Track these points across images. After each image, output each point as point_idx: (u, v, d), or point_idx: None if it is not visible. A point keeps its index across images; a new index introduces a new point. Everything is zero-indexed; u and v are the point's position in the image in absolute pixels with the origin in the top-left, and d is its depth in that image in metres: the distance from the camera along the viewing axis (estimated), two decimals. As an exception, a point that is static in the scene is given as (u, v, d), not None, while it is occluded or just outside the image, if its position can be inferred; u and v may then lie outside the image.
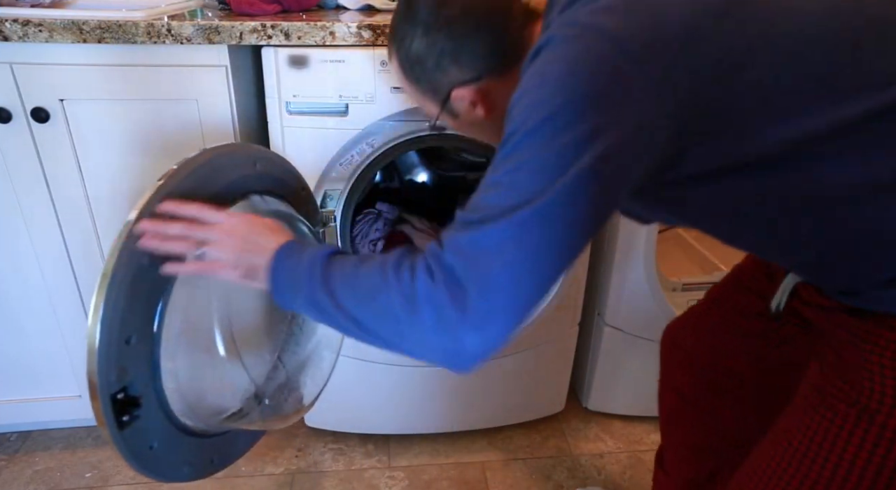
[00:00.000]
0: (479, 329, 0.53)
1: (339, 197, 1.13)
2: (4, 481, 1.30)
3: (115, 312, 0.66)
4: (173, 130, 1.09)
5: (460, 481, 1.33)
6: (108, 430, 0.68)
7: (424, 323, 0.55)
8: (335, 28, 1.03)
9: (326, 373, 1.06)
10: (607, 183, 0.54)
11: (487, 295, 0.53)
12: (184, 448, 0.82)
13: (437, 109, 0.74)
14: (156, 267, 0.70)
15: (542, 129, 0.54)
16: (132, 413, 0.70)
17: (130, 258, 0.68)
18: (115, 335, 0.67)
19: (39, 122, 1.05)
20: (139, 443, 0.73)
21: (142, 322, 0.70)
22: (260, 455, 1.38)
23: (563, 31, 0.57)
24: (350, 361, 1.28)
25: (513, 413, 1.43)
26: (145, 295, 0.70)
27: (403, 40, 0.70)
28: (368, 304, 0.58)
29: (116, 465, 1.34)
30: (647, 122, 0.55)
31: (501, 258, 0.53)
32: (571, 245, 0.55)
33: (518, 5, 0.71)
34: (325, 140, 1.09)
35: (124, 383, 0.69)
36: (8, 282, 1.18)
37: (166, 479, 0.79)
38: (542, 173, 0.53)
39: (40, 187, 1.10)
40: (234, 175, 0.86)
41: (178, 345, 0.77)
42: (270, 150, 0.97)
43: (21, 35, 0.98)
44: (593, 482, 1.33)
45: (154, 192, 0.71)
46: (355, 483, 1.32)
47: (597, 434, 1.47)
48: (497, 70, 0.69)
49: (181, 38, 1.00)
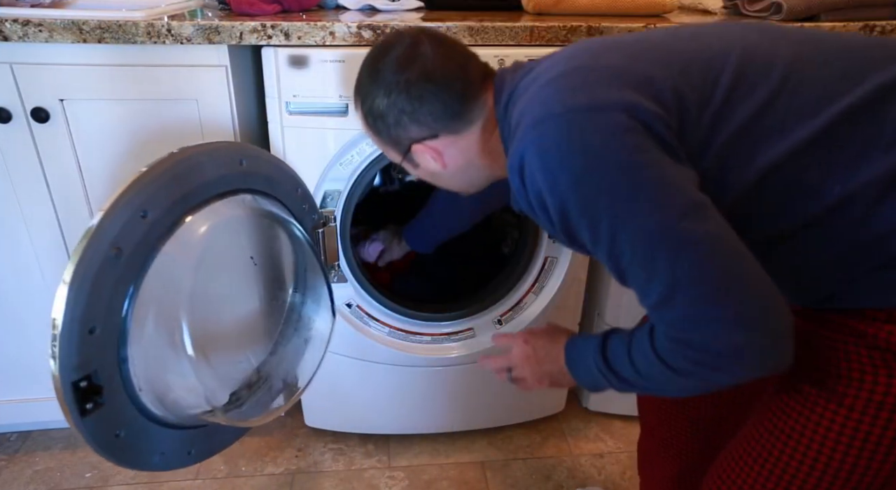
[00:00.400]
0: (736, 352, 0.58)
1: (338, 197, 1.13)
2: (4, 481, 1.30)
3: (77, 304, 0.69)
4: (173, 130, 1.09)
5: (460, 481, 1.33)
6: (70, 416, 0.71)
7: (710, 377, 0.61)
8: (335, 28, 1.03)
9: (308, 376, 1.07)
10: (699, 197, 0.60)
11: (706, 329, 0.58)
12: (155, 438, 0.84)
13: (400, 159, 0.81)
14: (121, 261, 0.73)
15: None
16: (96, 401, 0.73)
17: (95, 252, 0.71)
18: (77, 325, 0.70)
19: (39, 122, 1.05)
20: (104, 431, 0.76)
21: (106, 313, 0.73)
22: (260, 455, 1.38)
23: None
24: (350, 361, 1.28)
25: (513, 413, 1.43)
26: (110, 288, 0.73)
27: (367, 97, 0.78)
28: (654, 383, 0.66)
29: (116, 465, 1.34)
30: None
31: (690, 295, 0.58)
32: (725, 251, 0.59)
33: (476, 67, 0.77)
34: (325, 140, 1.09)
35: (87, 372, 0.72)
36: (8, 282, 1.18)
37: (134, 467, 0.82)
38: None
39: (40, 187, 1.10)
40: (213, 173, 0.87)
41: (146, 338, 0.79)
42: (261, 149, 0.97)
43: (21, 35, 0.98)
44: (593, 482, 1.33)
45: (124, 189, 0.75)
46: (355, 483, 1.32)
47: (597, 434, 1.47)
48: (453, 129, 0.76)
49: (181, 38, 1.00)
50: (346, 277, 1.20)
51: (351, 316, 1.24)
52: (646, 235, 0.58)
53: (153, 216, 0.78)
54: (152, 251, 0.78)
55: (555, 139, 0.60)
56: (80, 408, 0.72)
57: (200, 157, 0.85)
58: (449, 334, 1.29)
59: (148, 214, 0.77)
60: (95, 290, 0.71)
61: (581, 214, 0.60)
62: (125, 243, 0.74)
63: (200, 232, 0.84)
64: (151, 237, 0.78)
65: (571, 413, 1.52)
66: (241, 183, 0.92)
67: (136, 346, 0.77)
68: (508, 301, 1.28)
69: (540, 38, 1.08)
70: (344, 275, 1.19)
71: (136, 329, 0.77)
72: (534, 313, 1.27)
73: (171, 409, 0.84)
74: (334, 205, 1.14)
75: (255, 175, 0.95)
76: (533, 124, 0.62)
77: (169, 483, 1.30)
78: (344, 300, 1.23)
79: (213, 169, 0.87)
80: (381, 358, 1.28)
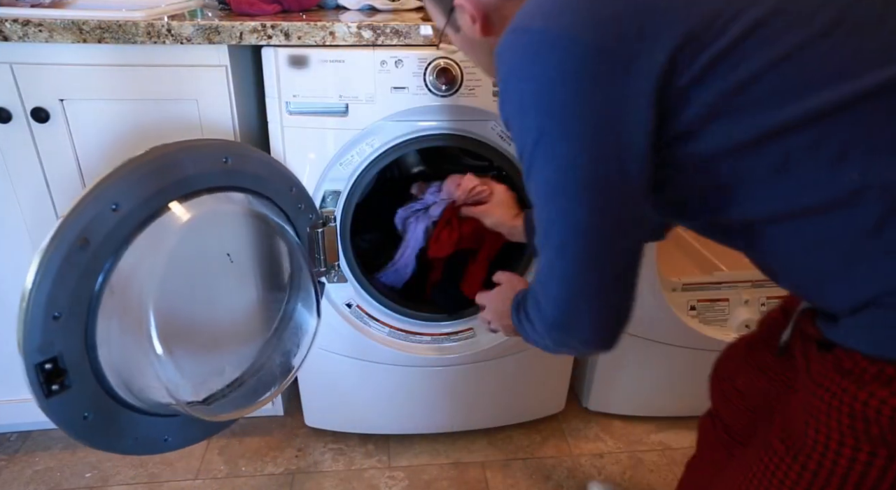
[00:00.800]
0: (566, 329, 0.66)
1: (339, 197, 1.13)
2: (4, 481, 1.30)
3: (41, 291, 0.75)
4: (173, 130, 1.09)
5: (460, 481, 1.33)
6: (35, 396, 0.77)
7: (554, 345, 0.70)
8: (335, 28, 1.03)
9: (288, 377, 1.08)
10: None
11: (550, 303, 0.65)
12: (127, 423, 0.88)
13: (444, 21, 0.75)
14: (88, 252, 0.78)
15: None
16: (62, 383, 0.78)
17: (61, 242, 0.76)
18: (40, 311, 0.75)
19: (39, 122, 1.05)
20: (71, 412, 0.81)
21: (71, 301, 0.78)
22: (260, 455, 1.38)
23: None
24: (350, 361, 1.28)
25: (513, 413, 1.43)
26: (75, 278, 0.78)
27: None
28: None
29: (116, 465, 1.34)
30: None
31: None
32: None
33: None
34: (325, 140, 1.09)
35: (52, 355, 0.77)
36: (8, 282, 1.18)
37: (107, 449, 0.87)
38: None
39: (40, 187, 1.10)
40: (192, 170, 0.89)
41: (114, 327, 0.82)
42: (252, 148, 0.97)
43: (21, 35, 0.98)
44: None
45: (96, 183, 0.79)
46: (355, 483, 1.32)
47: (597, 434, 1.47)
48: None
49: (181, 38, 1.00)
50: (347, 277, 1.20)
51: (351, 316, 1.24)
52: (548, 188, 0.59)
53: (126, 209, 0.81)
54: (124, 243, 0.81)
55: (518, 55, 0.57)
56: (46, 389, 0.77)
57: (179, 154, 0.88)
58: (449, 334, 1.29)
59: (120, 207, 0.80)
60: (60, 278, 0.76)
61: (514, 138, 0.61)
62: (93, 235, 0.78)
63: (178, 223, 0.87)
64: (123, 230, 0.81)
65: (571, 413, 1.52)
66: (225, 180, 0.93)
67: (104, 333, 0.81)
68: (508, 301, 1.28)
69: (540, 38, 1.08)
70: (344, 275, 1.19)
71: (104, 318, 0.81)
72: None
73: (139, 397, 0.87)
74: (334, 205, 1.14)
75: (242, 173, 0.95)
76: (512, 29, 0.59)
77: (169, 483, 1.30)
78: (344, 300, 1.23)
79: (192, 165, 0.89)
80: (381, 358, 1.28)
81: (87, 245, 0.77)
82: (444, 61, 1.05)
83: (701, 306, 1.37)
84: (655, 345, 1.37)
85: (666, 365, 1.40)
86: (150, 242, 0.83)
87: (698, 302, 1.36)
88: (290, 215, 1.05)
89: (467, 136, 1.11)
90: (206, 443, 1.41)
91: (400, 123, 1.08)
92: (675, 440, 1.45)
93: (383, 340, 1.26)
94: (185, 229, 0.86)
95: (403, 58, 1.04)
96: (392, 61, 1.04)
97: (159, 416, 0.91)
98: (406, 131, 1.09)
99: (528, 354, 1.33)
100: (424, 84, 1.05)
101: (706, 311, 1.37)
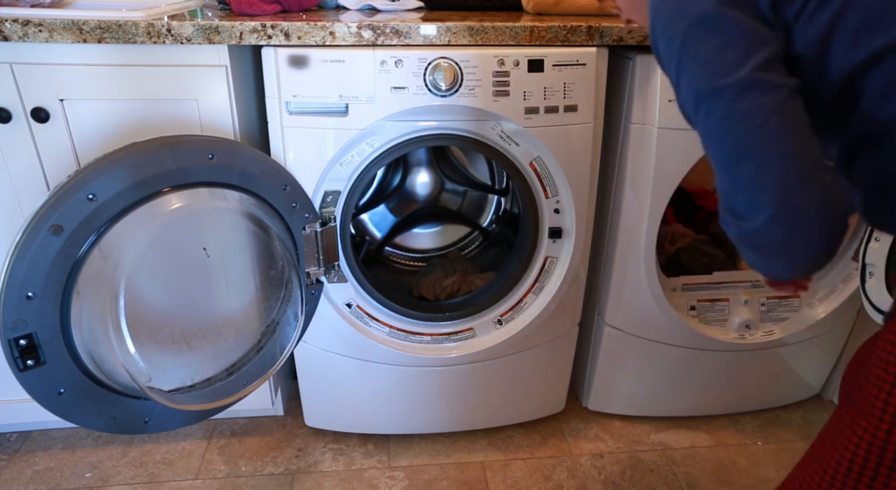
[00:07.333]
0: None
1: (339, 197, 1.13)
2: (4, 481, 1.30)
3: (15, 272, 0.82)
4: (173, 130, 1.09)
5: (460, 481, 1.33)
6: (11, 369, 0.84)
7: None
8: (335, 28, 1.03)
9: (267, 373, 1.10)
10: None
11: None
12: (104, 402, 0.93)
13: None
14: (61, 239, 0.84)
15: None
16: (37, 359, 0.86)
17: (35, 229, 0.82)
18: (14, 291, 0.82)
19: (39, 122, 1.05)
20: (45, 386, 0.88)
21: (45, 283, 0.84)
22: (260, 455, 1.38)
23: None
24: (350, 361, 1.28)
25: (513, 413, 1.43)
26: (49, 261, 0.84)
27: None
28: None
29: (116, 465, 1.34)
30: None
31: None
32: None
33: None
34: (325, 140, 1.09)
35: (27, 331, 0.85)
36: (8, 282, 1.18)
37: (81, 424, 0.93)
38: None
39: (40, 187, 1.10)
40: (172, 164, 0.92)
41: (86, 308, 0.88)
42: (243, 146, 0.97)
43: (21, 35, 0.98)
44: (593, 482, 1.33)
45: (73, 173, 0.83)
46: (355, 483, 1.32)
47: (597, 434, 1.47)
48: None
49: (181, 38, 1.00)
50: (347, 277, 1.20)
51: (351, 316, 1.24)
52: (698, 88, 0.60)
53: (102, 200, 0.86)
54: (99, 232, 0.86)
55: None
56: (21, 363, 0.85)
57: (161, 149, 0.91)
58: (449, 334, 1.29)
59: (97, 197, 0.85)
60: (34, 261, 0.82)
61: (661, 50, 0.64)
62: (67, 222, 0.84)
63: (162, 212, 0.91)
64: (98, 219, 0.86)
65: (571, 413, 1.52)
66: (207, 176, 0.95)
67: (76, 315, 0.86)
68: (508, 301, 1.28)
69: (540, 38, 1.08)
70: (344, 275, 1.20)
71: (77, 300, 0.86)
72: (534, 313, 1.27)
73: (110, 378, 0.92)
74: (334, 205, 1.14)
75: (227, 170, 0.97)
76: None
77: (169, 483, 1.30)
78: (344, 300, 1.23)
79: (173, 160, 0.92)
80: (381, 358, 1.28)
81: (60, 231, 0.83)
82: (445, 61, 1.05)
83: (701, 306, 1.37)
84: (655, 345, 1.37)
85: (666, 365, 1.40)
86: (130, 229, 0.88)
87: (698, 302, 1.36)
88: (283, 214, 1.05)
89: (467, 136, 1.11)
90: (206, 443, 1.41)
91: (400, 123, 1.08)
92: (675, 440, 1.45)
93: (383, 340, 1.26)
94: (168, 219, 0.91)
95: (403, 58, 1.04)
96: (392, 61, 1.04)
97: (138, 398, 0.95)
98: (406, 131, 1.09)
99: (529, 354, 1.33)
100: (424, 84, 1.05)
101: (706, 311, 1.37)
